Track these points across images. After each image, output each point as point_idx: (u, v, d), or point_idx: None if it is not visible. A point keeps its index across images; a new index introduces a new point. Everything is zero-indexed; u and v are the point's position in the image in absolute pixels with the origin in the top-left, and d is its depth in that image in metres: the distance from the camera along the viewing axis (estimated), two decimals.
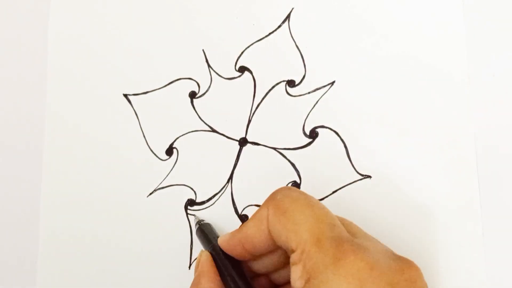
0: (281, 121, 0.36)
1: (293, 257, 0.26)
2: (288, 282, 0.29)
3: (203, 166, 0.36)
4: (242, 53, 0.37)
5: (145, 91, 0.37)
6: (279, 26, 0.37)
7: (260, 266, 0.31)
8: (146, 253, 0.35)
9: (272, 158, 0.36)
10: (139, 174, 0.36)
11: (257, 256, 0.30)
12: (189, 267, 0.35)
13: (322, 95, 0.36)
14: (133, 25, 0.38)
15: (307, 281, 0.25)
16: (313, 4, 0.37)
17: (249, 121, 0.36)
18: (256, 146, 0.36)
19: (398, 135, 0.35)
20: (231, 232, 0.30)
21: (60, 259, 0.36)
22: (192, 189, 0.36)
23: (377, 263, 0.25)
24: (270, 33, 0.37)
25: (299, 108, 0.36)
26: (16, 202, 0.37)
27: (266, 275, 0.31)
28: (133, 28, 0.38)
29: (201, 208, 0.36)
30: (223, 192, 0.36)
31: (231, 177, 0.36)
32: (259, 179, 0.36)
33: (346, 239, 0.26)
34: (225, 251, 0.30)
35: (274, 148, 0.36)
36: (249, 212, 0.35)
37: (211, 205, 0.36)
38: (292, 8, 0.37)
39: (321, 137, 0.35)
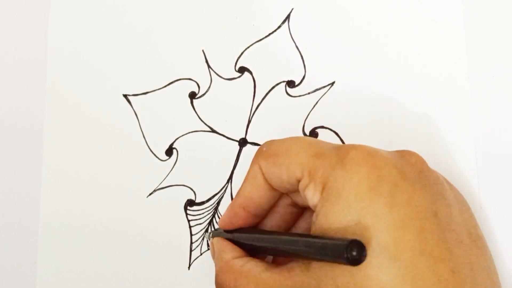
0: (281, 122, 0.36)
1: (302, 184, 0.26)
2: None
3: (203, 166, 0.36)
4: (242, 53, 0.37)
5: (145, 91, 0.37)
6: (279, 27, 0.37)
7: (269, 226, 0.31)
8: (146, 253, 0.35)
9: None
10: (139, 174, 0.36)
11: (262, 217, 0.30)
12: (189, 267, 0.35)
13: (322, 96, 0.36)
14: (133, 25, 0.38)
15: (322, 191, 0.25)
16: (313, 5, 0.37)
17: (249, 121, 0.36)
18: (256, 147, 0.36)
19: (398, 135, 0.35)
20: (228, 206, 0.30)
21: (59, 260, 0.36)
22: (191, 189, 0.36)
23: (378, 152, 0.26)
24: (270, 34, 0.37)
25: (299, 109, 0.36)
26: (15, 202, 0.37)
27: None
28: (132, 28, 0.38)
29: (200, 208, 0.36)
30: (223, 193, 0.36)
31: (231, 178, 0.36)
32: None
33: (342, 145, 0.27)
34: (228, 227, 0.30)
35: None
36: None
37: (211, 205, 0.36)
38: (292, 9, 0.37)
39: (321, 138, 0.35)
